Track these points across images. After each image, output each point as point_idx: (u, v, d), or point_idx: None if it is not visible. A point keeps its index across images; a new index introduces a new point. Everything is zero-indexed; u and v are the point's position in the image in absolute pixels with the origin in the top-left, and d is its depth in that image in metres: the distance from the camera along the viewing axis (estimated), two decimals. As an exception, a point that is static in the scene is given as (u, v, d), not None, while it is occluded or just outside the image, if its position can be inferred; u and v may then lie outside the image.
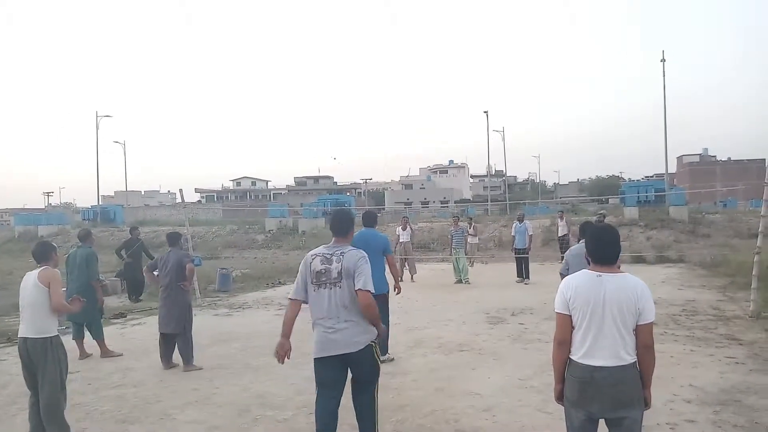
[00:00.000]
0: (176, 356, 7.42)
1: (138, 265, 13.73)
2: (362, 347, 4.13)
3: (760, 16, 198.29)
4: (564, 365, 3.26)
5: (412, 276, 16.42)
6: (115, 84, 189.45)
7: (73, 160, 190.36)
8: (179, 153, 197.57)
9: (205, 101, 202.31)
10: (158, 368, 7.31)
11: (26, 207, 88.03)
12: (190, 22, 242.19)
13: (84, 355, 7.98)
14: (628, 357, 3.10)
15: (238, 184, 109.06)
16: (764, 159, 61.01)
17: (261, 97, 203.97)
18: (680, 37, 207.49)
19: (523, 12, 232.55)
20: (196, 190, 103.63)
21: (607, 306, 3.09)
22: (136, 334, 9.70)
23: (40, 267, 5.04)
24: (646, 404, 3.21)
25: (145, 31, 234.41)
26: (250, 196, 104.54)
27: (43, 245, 5.29)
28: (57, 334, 4.93)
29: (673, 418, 5.05)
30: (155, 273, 7.58)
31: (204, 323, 8.36)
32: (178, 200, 17.96)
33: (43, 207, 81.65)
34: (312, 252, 4.36)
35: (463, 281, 15.45)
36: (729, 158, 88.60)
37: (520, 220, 16.58)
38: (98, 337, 8.11)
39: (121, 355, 8.07)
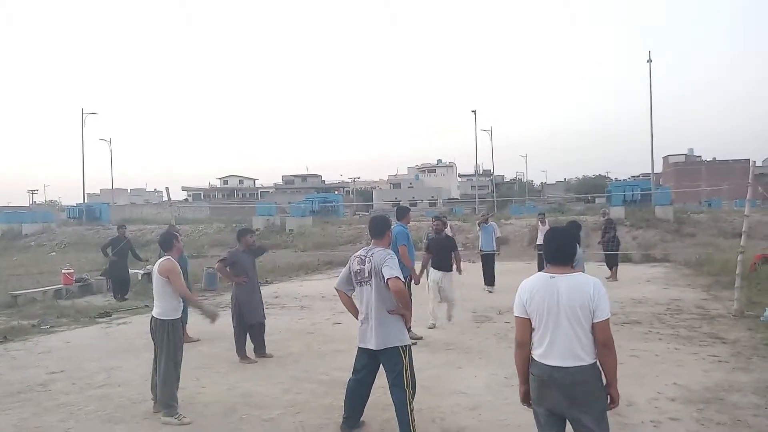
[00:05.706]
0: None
1: (124, 264, 13.63)
2: (387, 347, 4.49)
3: (747, 18, 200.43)
4: (526, 366, 3.30)
5: None
6: (101, 81, 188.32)
7: (58, 158, 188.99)
8: (166, 151, 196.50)
9: (192, 99, 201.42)
10: (144, 367, 6.89)
11: (10, 205, 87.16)
12: (177, 18, 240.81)
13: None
14: (587, 357, 3.12)
15: (226, 182, 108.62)
16: (748, 159, 61.39)
17: (248, 95, 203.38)
18: (667, 37, 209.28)
19: (511, 12, 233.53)
20: (183, 189, 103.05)
21: (561, 306, 3.12)
22: (122, 333, 9.65)
23: (165, 256, 5.58)
24: (612, 401, 3.23)
25: (132, 27, 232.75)
26: (238, 195, 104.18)
27: (165, 235, 5.82)
28: (176, 318, 5.47)
29: (657, 416, 5.11)
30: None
31: (190, 322, 8.33)
32: (165, 198, 17.78)
33: (28, 205, 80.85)
34: (354, 254, 4.82)
35: None
36: (714, 158, 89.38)
37: (486, 221, 14.66)
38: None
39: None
